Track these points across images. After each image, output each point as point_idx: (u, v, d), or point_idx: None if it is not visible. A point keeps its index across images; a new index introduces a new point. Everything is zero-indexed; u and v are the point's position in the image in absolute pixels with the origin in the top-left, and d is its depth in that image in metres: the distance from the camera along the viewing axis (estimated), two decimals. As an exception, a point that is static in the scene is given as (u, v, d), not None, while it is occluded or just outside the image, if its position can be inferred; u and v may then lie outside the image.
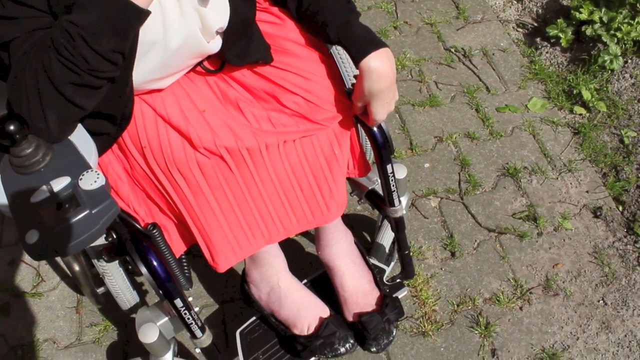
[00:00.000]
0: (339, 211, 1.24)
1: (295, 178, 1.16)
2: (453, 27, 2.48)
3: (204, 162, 1.05)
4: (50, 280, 1.77)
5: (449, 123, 2.11)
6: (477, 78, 2.27)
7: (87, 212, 0.77)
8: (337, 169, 1.20)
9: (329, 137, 1.17)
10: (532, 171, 1.97)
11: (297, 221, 1.21)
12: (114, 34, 0.83)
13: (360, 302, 1.36)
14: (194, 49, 1.03)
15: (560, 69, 2.34)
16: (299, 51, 1.16)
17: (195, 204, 1.10)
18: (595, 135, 2.09)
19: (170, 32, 0.97)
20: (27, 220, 0.78)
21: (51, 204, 0.79)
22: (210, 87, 1.12)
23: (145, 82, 1.02)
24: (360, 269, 1.38)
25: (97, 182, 0.80)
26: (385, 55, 1.09)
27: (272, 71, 1.13)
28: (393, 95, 1.15)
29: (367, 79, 1.09)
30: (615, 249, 1.78)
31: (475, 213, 1.86)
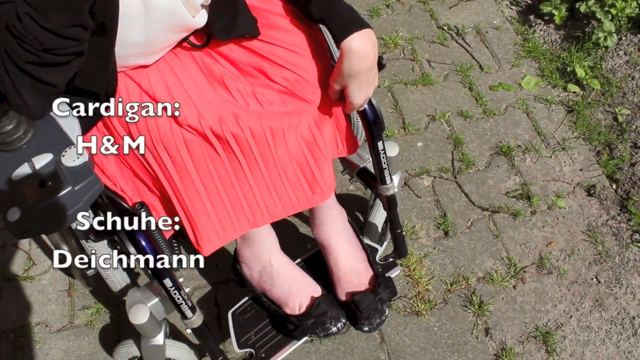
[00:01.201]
0: (324, 195, 1.22)
1: (281, 164, 1.15)
2: (446, 4, 2.45)
3: (191, 140, 1.03)
4: (41, 263, 1.75)
5: (442, 102, 2.09)
6: (470, 56, 2.25)
7: (70, 188, 0.76)
8: (318, 153, 1.19)
9: (308, 122, 1.16)
10: (526, 150, 1.96)
11: (282, 206, 1.20)
12: (62, 8, 0.79)
13: (353, 281, 1.35)
14: (178, 23, 1.00)
15: (554, 47, 2.32)
16: (286, 25, 1.13)
17: (180, 185, 1.09)
18: (589, 113, 2.08)
19: (152, 5, 0.94)
20: (9, 197, 0.77)
21: (33, 181, 0.78)
22: (196, 63, 1.10)
23: (128, 56, 1.00)
24: (354, 248, 1.37)
25: (80, 159, 0.79)
26: (368, 35, 1.07)
27: (260, 45, 1.11)
28: (372, 79, 1.13)
29: (347, 59, 1.07)
30: (608, 227, 1.78)
31: (468, 192, 1.85)
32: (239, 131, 1.05)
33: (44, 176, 0.78)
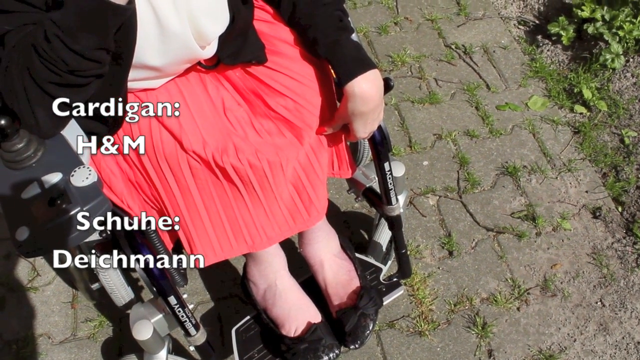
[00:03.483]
0: (319, 216, 1.23)
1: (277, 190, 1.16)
2: (454, 23, 2.46)
3: (195, 166, 1.05)
4: (45, 274, 1.76)
5: (449, 120, 2.09)
6: (477, 75, 2.26)
7: (78, 209, 0.76)
8: (314, 177, 1.20)
9: (306, 148, 1.17)
10: (532, 170, 1.96)
11: (279, 229, 1.21)
12: (93, 32, 0.81)
13: (340, 294, 1.34)
14: (189, 56, 1.03)
15: (561, 67, 2.33)
16: (292, 53, 1.15)
17: (182, 203, 1.10)
18: (596, 134, 2.08)
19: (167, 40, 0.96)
20: (18, 216, 0.77)
21: (42, 200, 0.78)
22: (203, 86, 1.11)
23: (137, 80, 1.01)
24: (339, 262, 1.36)
25: (89, 179, 0.79)
26: (372, 77, 1.08)
27: (264, 71, 1.12)
28: (377, 116, 1.14)
29: (352, 102, 1.08)
30: (614, 250, 1.77)
31: (473, 212, 1.85)
32: (238, 164, 1.06)
33: (53, 195, 0.78)
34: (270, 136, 1.11)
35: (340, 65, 1.08)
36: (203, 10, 0.99)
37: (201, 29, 1.00)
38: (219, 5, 1.04)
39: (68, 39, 0.80)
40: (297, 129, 1.13)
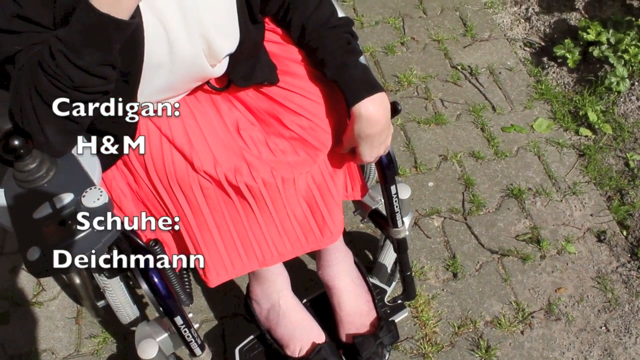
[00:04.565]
0: (332, 237, 1.23)
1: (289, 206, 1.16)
2: (460, 44, 2.48)
3: (206, 185, 1.06)
4: (50, 289, 1.76)
5: (454, 142, 2.10)
6: (483, 97, 2.27)
7: (90, 230, 0.77)
8: (329, 197, 1.20)
9: (320, 167, 1.17)
10: (537, 193, 1.97)
11: (291, 246, 1.21)
12: (96, 47, 0.81)
13: (356, 323, 1.35)
14: (199, 74, 1.03)
15: (566, 90, 2.34)
16: (304, 72, 1.16)
17: (194, 222, 1.10)
18: (601, 157, 2.09)
19: (176, 57, 0.97)
20: (29, 236, 0.78)
21: (53, 220, 0.79)
22: (214, 106, 1.12)
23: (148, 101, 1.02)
24: (359, 290, 1.38)
25: (100, 200, 0.80)
26: (379, 100, 1.09)
27: (277, 91, 1.13)
28: (384, 140, 1.15)
29: (358, 124, 1.09)
30: (618, 275, 1.77)
31: (478, 234, 1.85)
32: (252, 182, 1.07)
33: (64, 216, 0.79)
34: (284, 155, 1.11)
35: (347, 88, 1.09)
36: (213, 25, 1.00)
37: (212, 45, 1.01)
38: (229, 21, 1.04)
39: (72, 55, 0.80)
40: (312, 147, 1.14)
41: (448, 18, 2.57)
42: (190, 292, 1.33)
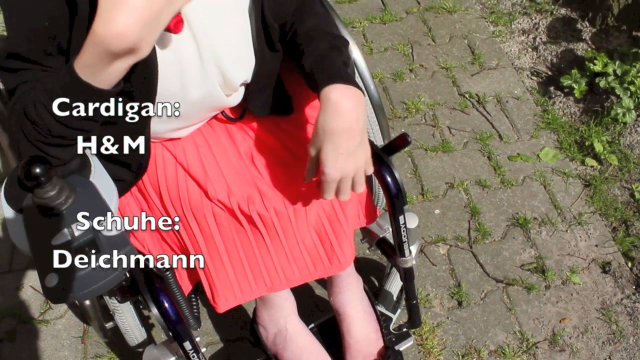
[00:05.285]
0: (341, 266, 1.24)
1: (300, 234, 1.17)
2: (468, 72, 2.50)
3: (219, 213, 1.07)
4: (57, 308, 1.77)
5: (461, 169, 2.12)
6: (490, 125, 2.29)
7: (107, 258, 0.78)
8: (338, 227, 1.21)
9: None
10: (542, 222, 1.98)
11: (299, 273, 1.22)
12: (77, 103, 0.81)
13: (363, 351, 1.36)
14: (213, 104, 1.04)
15: (572, 120, 2.36)
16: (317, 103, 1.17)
17: (205, 249, 1.12)
18: (606, 188, 2.10)
19: (190, 88, 0.98)
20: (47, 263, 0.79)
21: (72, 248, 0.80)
22: (229, 136, 1.14)
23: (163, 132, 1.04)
24: (368, 318, 1.39)
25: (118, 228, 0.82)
26: (354, 93, 0.96)
27: (292, 121, 1.15)
28: (352, 150, 0.97)
29: (323, 112, 0.95)
30: (623, 307, 1.78)
31: (483, 262, 1.86)
32: (264, 211, 1.08)
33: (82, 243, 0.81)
34: (296, 184, 1.13)
35: (322, 72, 0.97)
36: (228, 54, 0.99)
37: (226, 74, 1.00)
38: (244, 50, 1.03)
39: (51, 107, 0.80)
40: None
41: (456, 46, 2.60)
42: (198, 316, 1.34)
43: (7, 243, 1.97)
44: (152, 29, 0.78)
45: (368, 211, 1.32)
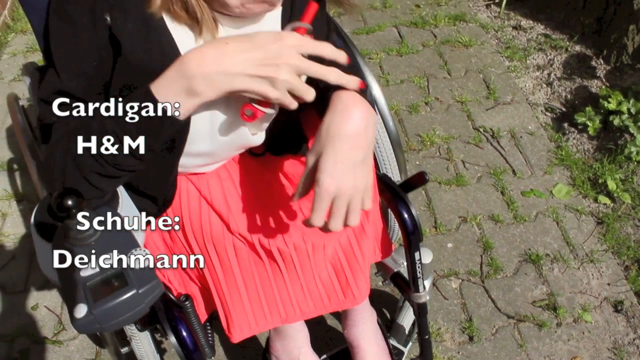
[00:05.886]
0: (355, 301, 1.26)
1: (316, 269, 1.19)
2: (483, 106, 2.53)
3: (240, 246, 1.10)
4: (71, 329, 1.79)
5: (474, 204, 2.13)
6: (504, 160, 2.31)
7: (135, 292, 0.80)
8: (354, 263, 1.23)
9: (347, 233, 1.21)
10: (554, 259, 1.99)
11: (314, 305, 1.24)
12: (147, 135, 0.83)
13: None
14: (240, 143, 1.07)
15: (586, 157, 2.37)
16: None
17: (223, 280, 1.14)
18: (619, 226, 2.11)
19: (218, 126, 1.00)
20: (77, 294, 0.81)
21: (100, 279, 0.82)
22: (252, 171, 1.17)
23: (189, 167, 1.07)
24: (381, 352, 1.40)
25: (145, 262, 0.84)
26: (366, 104, 0.91)
27: None
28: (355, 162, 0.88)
29: (331, 113, 0.89)
30: (635, 347, 1.78)
31: (495, 298, 1.87)
32: (284, 247, 1.10)
33: (110, 276, 0.83)
34: None
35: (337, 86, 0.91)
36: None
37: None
38: None
39: (124, 138, 0.82)
40: None
41: (472, 80, 2.63)
42: (212, 345, 1.35)
43: (23, 262, 2.00)
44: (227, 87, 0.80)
45: (384, 246, 1.34)
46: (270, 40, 0.79)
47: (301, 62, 0.80)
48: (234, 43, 0.79)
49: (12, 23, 3.16)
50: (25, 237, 2.10)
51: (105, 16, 0.85)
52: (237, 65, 0.79)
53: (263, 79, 0.80)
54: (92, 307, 0.80)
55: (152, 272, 0.84)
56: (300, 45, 0.80)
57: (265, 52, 0.79)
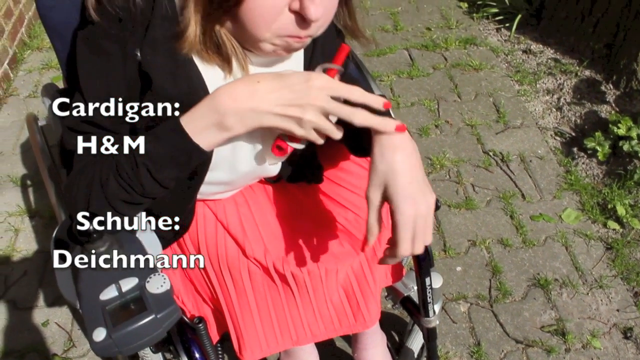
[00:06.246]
0: (366, 325, 1.27)
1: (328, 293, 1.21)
2: (493, 130, 2.55)
3: (254, 270, 1.11)
4: (81, 346, 1.80)
5: (483, 227, 2.14)
6: (513, 184, 2.32)
7: (153, 316, 0.82)
8: (366, 287, 1.24)
9: (360, 258, 1.22)
10: (563, 284, 1.99)
11: (325, 328, 1.25)
12: (176, 167, 0.86)
13: None
14: (259, 174, 1.10)
15: (595, 181, 2.38)
16: (353, 168, 1.22)
17: (236, 303, 1.15)
18: (628, 252, 2.11)
19: (240, 161, 1.03)
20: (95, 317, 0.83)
21: (119, 303, 0.84)
22: (267, 197, 1.19)
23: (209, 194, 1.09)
24: None
25: (163, 287, 0.85)
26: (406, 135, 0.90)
27: (326, 185, 1.20)
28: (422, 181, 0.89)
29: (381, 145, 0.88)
30: (644, 374, 1.78)
31: (503, 322, 1.87)
32: (298, 271, 1.12)
33: (129, 300, 0.85)
34: (330, 246, 1.16)
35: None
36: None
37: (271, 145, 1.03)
38: None
39: (154, 169, 0.85)
40: (356, 239, 1.18)
41: (482, 103, 2.65)
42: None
43: (35, 278, 2.02)
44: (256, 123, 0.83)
45: (395, 270, 1.35)
46: (300, 81, 0.82)
47: (328, 104, 0.82)
48: (264, 82, 0.82)
49: (29, 40, 3.20)
50: (38, 253, 2.12)
51: (135, 52, 0.87)
52: (266, 103, 0.81)
53: (290, 118, 0.82)
54: (111, 331, 0.81)
55: (170, 297, 0.85)
56: (329, 88, 0.82)
57: (294, 92, 0.81)
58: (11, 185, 2.39)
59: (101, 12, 0.84)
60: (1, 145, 2.58)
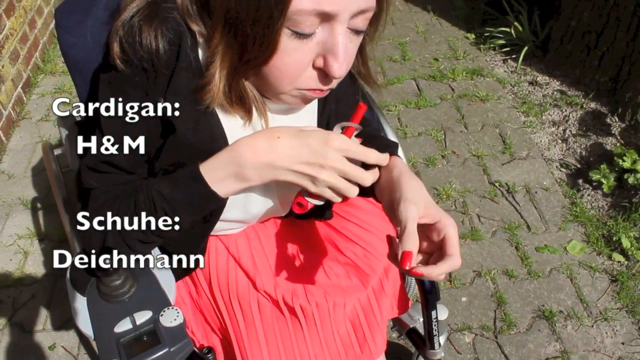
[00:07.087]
0: (371, 356, 1.28)
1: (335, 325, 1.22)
2: (499, 161, 2.57)
3: (264, 303, 1.13)
4: (88, 371, 1.82)
5: (489, 258, 2.16)
6: (518, 215, 2.34)
7: (167, 350, 0.84)
8: (372, 319, 1.25)
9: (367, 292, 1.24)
10: (568, 316, 2.00)
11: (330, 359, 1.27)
12: (192, 212, 0.89)
13: None
14: (270, 214, 1.13)
15: (600, 214, 2.39)
16: (361, 204, 1.25)
17: (245, 334, 1.17)
18: (633, 285, 2.12)
19: (252, 204, 1.06)
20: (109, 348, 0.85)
21: (133, 336, 0.86)
22: (278, 230, 1.21)
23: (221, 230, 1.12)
24: None
25: (177, 320, 0.87)
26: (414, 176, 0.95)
27: (336, 220, 1.23)
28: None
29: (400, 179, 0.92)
30: (648, 410, 1.78)
31: (508, 353, 1.88)
32: (306, 304, 1.14)
33: (143, 332, 0.87)
34: (338, 279, 1.18)
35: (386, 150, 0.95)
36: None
37: (284, 190, 1.08)
38: None
39: (171, 212, 0.88)
40: (364, 274, 1.20)
41: (488, 134, 2.68)
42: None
43: (43, 301, 2.04)
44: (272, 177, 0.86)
45: (401, 302, 1.37)
46: (318, 140, 0.84)
47: (344, 166, 0.85)
48: (284, 138, 0.84)
49: (43, 64, 3.26)
50: (46, 276, 2.15)
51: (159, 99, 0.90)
52: (284, 160, 0.84)
53: (305, 175, 0.85)
54: (126, 363, 0.84)
55: (183, 330, 0.87)
56: (346, 150, 0.85)
57: (311, 152, 0.84)
58: (22, 207, 2.42)
59: (126, 61, 0.87)
60: (13, 167, 2.62)
